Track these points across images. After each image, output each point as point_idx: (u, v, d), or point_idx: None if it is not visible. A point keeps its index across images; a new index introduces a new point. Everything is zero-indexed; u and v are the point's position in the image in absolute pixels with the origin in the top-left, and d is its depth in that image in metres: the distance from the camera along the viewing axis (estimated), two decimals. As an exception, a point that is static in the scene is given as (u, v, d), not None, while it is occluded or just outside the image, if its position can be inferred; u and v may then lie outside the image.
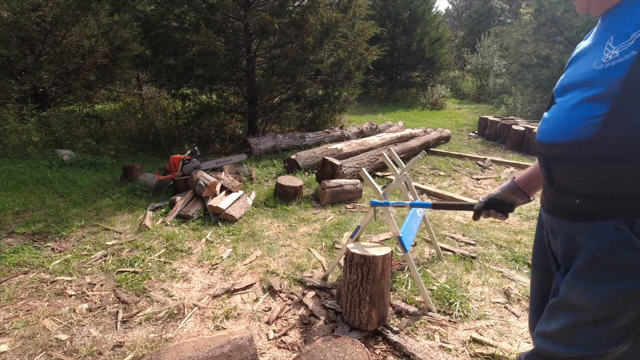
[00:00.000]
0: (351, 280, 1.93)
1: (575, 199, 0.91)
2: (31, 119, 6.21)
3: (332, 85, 7.18)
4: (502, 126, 7.37)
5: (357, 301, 1.92)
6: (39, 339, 1.92)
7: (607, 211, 0.85)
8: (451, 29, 22.86)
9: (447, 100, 13.16)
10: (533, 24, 9.31)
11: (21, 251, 2.78)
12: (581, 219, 0.91)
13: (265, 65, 6.68)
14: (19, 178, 4.34)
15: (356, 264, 1.89)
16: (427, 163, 5.84)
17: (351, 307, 1.96)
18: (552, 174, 0.97)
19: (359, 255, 1.88)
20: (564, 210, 0.95)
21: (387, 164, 2.69)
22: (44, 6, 6.69)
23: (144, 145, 6.44)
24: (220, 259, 2.80)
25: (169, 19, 5.85)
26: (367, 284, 1.89)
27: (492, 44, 14.93)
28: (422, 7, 13.90)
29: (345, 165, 4.64)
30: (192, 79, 6.17)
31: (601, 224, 0.86)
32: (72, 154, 5.40)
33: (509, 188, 1.22)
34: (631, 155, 0.79)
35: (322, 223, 3.51)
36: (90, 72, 7.75)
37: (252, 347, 1.69)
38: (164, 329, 2.04)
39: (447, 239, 3.17)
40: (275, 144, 6.16)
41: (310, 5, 5.82)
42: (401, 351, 1.84)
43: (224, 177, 4.08)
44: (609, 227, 0.84)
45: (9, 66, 6.71)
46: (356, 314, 1.95)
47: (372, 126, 7.63)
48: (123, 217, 3.51)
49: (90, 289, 2.39)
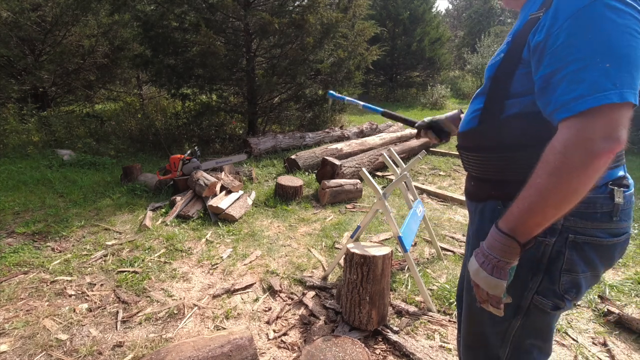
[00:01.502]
0: (351, 280, 1.93)
1: (472, 181, 1.04)
2: (31, 119, 6.21)
3: (332, 85, 7.17)
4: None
5: (357, 301, 1.92)
6: (39, 339, 1.92)
7: (487, 193, 0.96)
8: (451, 29, 22.86)
9: (447, 100, 13.17)
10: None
11: (21, 251, 2.78)
12: (473, 199, 1.03)
13: (265, 65, 6.68)
14: (19, 178, 4.34)
15: (356, 263, 1.89)
16: (427, 163, 5.83)
17: (351, 307, 1.96)
18: (462, 160, 1.09)
19: (359, 255, 1.88)
20: (468, 192, 1.08)
21: (387, 164, 2.69)
22: (44, 6, 6.69)
23: (144, 145, 6.44)
24: (220, 259, 2.80)
25: (169, 18, 5.85)
26: (367, 283, 1.89)
27: (492, 44, 14.95)
28: (422, 7, 13.91)
29: (345, 165, 4.64)
30: (192, 79, 6.17)
31: (483, 205, 0.98)
32: (72, 154, 5.40)
33: (452, 117, 1.31)
34: (502, 144, 0.89)
35: (322, 223, 3.51)
36: (90, 72, 7.75)
37: (252, 347, 1.69)
38: (164, 329, 2.04)
39: (447, 239, 3.17)
40: (275, 144, 6.16)
41: (310, 5, 5.81)
42: (401, 351, 1.84)
43: (224, 177, 4.08)
44: (488, 207, 0.96)
45: (9, 66, 6.71)
46: (356, 314, 1.94)
47: (372, 126, 7.63)
48: (123, 217, 3.51)
49: (90, 289, 2.39)
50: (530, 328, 0.93)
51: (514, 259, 0.77)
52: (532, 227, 0.74)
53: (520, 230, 0.74)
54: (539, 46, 0.73)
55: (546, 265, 0.85)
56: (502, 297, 0.78)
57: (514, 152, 0.87)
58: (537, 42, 0.74)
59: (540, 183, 0.70)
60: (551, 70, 0.70)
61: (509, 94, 0.85)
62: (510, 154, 0.88)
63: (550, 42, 0.71)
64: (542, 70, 0.73)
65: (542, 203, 0.70)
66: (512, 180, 0.85)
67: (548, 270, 0.85)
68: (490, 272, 0.77)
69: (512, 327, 0.93)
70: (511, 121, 0.86)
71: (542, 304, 0.87)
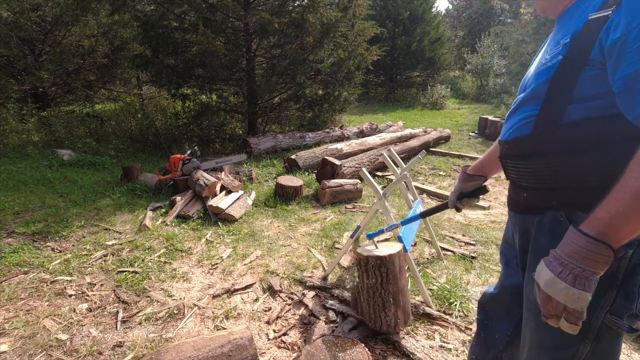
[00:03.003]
0: (370, 284, 1.84)
1: (524, 192, 0.96)
2: (31, 119, 6.21)
3: (332, 85, 7.18)
4: (502, 126, 7.34)
5: (381, 305, 1.84)
6: (39, 338, 1.92)
7: (547, 203, 0.88)
8: (451, 29, 22.85)
9: (447, 100, 13.16)
10: (533, 24, 9.31)
11: (21, 251, 2.78)
12: (528, 211, 0.95)
13: (265, 65, 6.68)
14: (19, 178, 4.34)
15: (372, 266, 1.80)
16: (427, 163, 5.83)
17: (375, 312, 1.87)
18: (506, 170, 1.03)
19: (375, 257, 1.80)
20: (517, 204, 1.01)
21: (387, 164, 2.69)
22: (44, 6, 6.69)
23: (144, 145, 6.44)
24: (220, 259, 2.80)
25: (169, 19, 5.85)
26: (387, 284, 1.82)
27: (492, 44, 14.91)
28: (422, 7, 13.89)
29: (345, 165, 4.64)
30: (192, 79, 6.17)
31: (540, 216, 0.90)
32: (72, 154, 5.40)
33: (463, 178, 1.33)
34: (563, 151, 0.83)
35: (322, 223, 3.51)
36: (90, 72, 7.75)
37: (252, 347, 1.69)
38: (164, 329, 2.04)
39: (447, 239, 3.17)
40: (275, 144, 6.16)
41: (310, 4, 5.82)
42: (401, 351, 1.84)
43: (224, 177, 4.08)
44: (548, 218, 0.88)
45: (9, 66, 6.71)
46: (382, 318, 1.86)
47: (372, 126, 7.63)
48: (123, 217, 3.51)
49: (90, 289, 2.39)
50: (600, 354, 0.83)
51: (602, 269, 0.68)
52: (627, 233, 0.67)
53: (614, 236, 0.67)
54: (617, 44, 0.69)
55: (621, 280, 0.77)
56: (584, 312, 0.70)
57: (578, 158, 0.81)
58: (614, 41, 0.70)
59: (636, 185, 0.64)
60: (636, 69, 0.66)
61: (573, 98, 0.80)
62: (575, 160, 0.81)
63: (631, 39, 0.67)
64: (624, 70, 0.68)
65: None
66: (577, 187, 0.81)
67: (624, 285, 0.77)
68: (572, 283, 0.69)
69: (579, 354, 0.84)
70: (575, 126, 0.80)
71: (616, 325, 0.78)
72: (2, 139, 5.67)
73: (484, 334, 1.23)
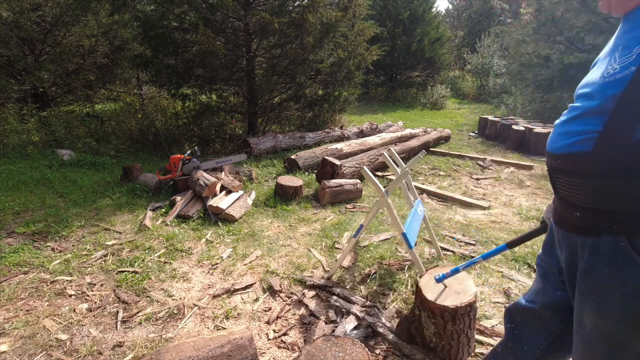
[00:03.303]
0: (456, 329, 1.75)
1: (576, 212, 0.89)
2: (31, 119, 6.21)
3: (332, 85, 7.18)
4: (502, 126, 7.37)
5: (466, 342, 1.81)
6: (39, 339, 1.92)
7: (606, 226, 0.82)
8: (451, 29, 22.84)
9: (447, 100, 13.16)
10: (533, 24, 9.29)
11: (21, 251, 2.78)
12: (581, 232, 0.89)
13: (265, 65, 6.68)
14: (19, 178, 4.34)
15: (461, 315, 1.73)
16: (427, 163, 5.83)
17: (458, 350, 1.82)
18: (555, 184, 0.96)
19: (464, 306, 1.70)
20: (567, 223, 0.94)
21: (388, 164, 2.69)
22: (44, 6, 6.69)
23: (144, 145, 6.44)
24: (220, 259, 2.80)
25: (169, 19, 5.85)
26: (474, 323, 1.81)
27: (492, 44, 14.92)
28: (422, 7, 13.89)
29: (345, 165, 4.64)
30: (192, 79, 6.17)
31: (596, 239, 0.84)
32: (72, 154, 5.40)
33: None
34: (629, 171, 0.76)
35: (322, 223, 3.51)
36: (90, 72, 7.75)
37: (252, 347, 1.69)
38: (164, 328, 2.04)
39: (447, 239, 3.17)
40: (275, 144, 6.16)
41: (310, 4, 5.81)
42: (401, 351, 1.84)
43: (224, 177, 4.08)
44: (605, 242, 0.82)
45: (9, 66, 6.71)
46: (464, 352, 1.82)
47: (372, 126, 7.63)
48: (123, 217, 3.51)
49: (90, 289, 2.39)
50: None
51: None
52: None
53: None
54: None
55: None
56: None
57: None
58: None
59: None
60: None
61: None
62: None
63: None
64: None
65: None
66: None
67: None
68: None
69: None
70: None
71: None
72: (2, 139, 5.67)
73: (512, 343, 1.19)
